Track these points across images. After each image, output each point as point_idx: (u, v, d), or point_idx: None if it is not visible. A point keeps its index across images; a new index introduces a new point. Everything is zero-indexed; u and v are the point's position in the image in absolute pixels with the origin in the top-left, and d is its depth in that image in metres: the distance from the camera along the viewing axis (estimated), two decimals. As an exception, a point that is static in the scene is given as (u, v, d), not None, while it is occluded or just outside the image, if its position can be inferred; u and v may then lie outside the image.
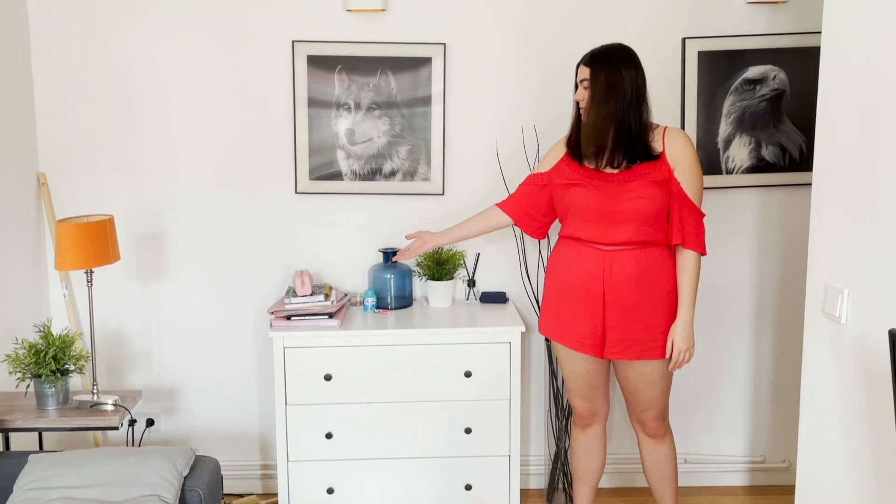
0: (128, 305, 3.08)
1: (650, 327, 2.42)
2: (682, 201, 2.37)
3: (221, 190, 3.04)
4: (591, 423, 2.69)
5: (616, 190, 2.39)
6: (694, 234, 2.38)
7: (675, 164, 2.37)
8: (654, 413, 2.57)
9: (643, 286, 2.41)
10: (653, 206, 2.37)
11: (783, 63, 2.98)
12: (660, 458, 2.64)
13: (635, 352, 2.44)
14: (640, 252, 2.40)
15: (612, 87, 2.36)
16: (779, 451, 3.24)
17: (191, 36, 2.95)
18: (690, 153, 2.40)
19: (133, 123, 2.99)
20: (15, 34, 2.86)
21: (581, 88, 2.43)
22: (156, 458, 2.20)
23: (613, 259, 2.41)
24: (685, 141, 2.42)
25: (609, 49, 2.43)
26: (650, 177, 2.37)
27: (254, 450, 3.19)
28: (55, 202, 3.00)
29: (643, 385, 2.51)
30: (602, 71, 2.37)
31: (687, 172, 2.38)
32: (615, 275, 2.41)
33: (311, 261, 3.08)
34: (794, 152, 3.05)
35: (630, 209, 2.37)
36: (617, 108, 2.36)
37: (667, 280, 2.43)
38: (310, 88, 2.95)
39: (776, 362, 3.19)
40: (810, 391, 2.04)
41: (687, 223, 2.37)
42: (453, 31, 2.97)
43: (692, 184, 2.38)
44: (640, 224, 2.38)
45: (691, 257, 2.40)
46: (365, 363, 2.73)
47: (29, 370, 2.52)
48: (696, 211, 2.39)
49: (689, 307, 2.41)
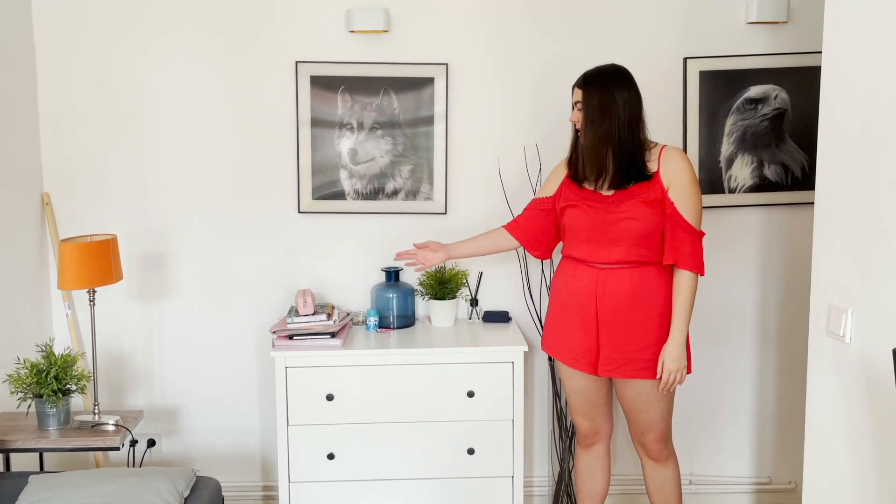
0: (130, 325, 3.08)
1: (645, 347, 2.41)
2: (676, 221, 2.36)
3: (224, 209, 3.04)
4: (593, 441, 2.67)
5: (609, 210, 2.40)
6: (689, 253, 2.36)
7: (669, 184, 2.37)
8: (655, 435, 2.55)
9: (637, 305, 2.40)
10: (644, 226, 2.37)
11: (784, 82, 3.00)
12: (664, 482, 2.61)
13: (629, 370, 2.43)
14: (633, 271, 2.40)
15: (604, 108, 2.37)
16: (785, 472, 3.21)
17: (194, 57, 2.97)
18: (686, 172, 2.38)
19: (136, 143, 3.01)
20: (21, 55, 2.88)
21: (576, 110, 2.44)
22: (157, 478, 2.19)
23: (607, 278, 2.41)
24: (680, 160, 2.40)
25: (601, 70, 2.44)
26: (642, 197, 2.37)
27: (255, 470, 3.17)
28: (59, 222, 3.01)
29: (641, 405, 2.50)
30: (595, 92, 2.39)
31: (682, 192, 2.36)
32: (608, 293, 2.41)
33: (314, 280, 3.08)
34: (796, 171, 3.05)
35: (621, 229, 2.38)
36: (611, 128, 2.37)
37: (662, 300, 2.42)
38: (313, 108, 2.97)
39: (781, 382, 3.17)
40: (815, 411, 2.03)
41: (682, 242, 2.36)
42: (455, 52, 2.99)
43: (688, 203, 2.37)
44: (632, 244, 2.38)
45: (686, 277, 2.39)
46: (367, 383, 2.72)
47: (30, 390, 2.52)
48: (692, 230, 2.37)
49: (681, 328, 2.39)
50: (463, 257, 2.82)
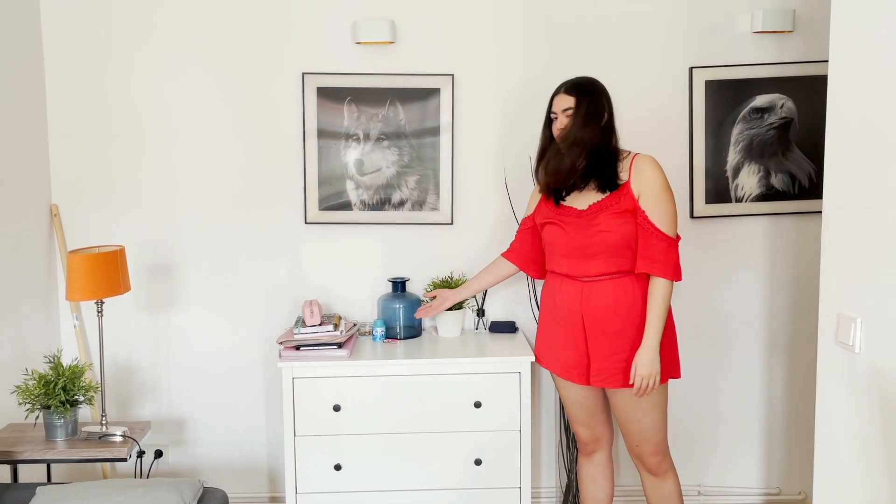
0: (138, 336, 3.09)
1: (633, 356, 2.39)
2: (648, 230, 2.36)
3: (231, 220, 3.05)
4: (594, 449, 2.68)
5: (584, 225, 2.42)
6: (661, 261, 2.35)
7: (640, 193, 2.37)
8: (650, 448, 2.53)
9: (622, 315, 2.41)
10: (617, 238, 2.38)
11: (790, 91, 2.99)
12: (664, 496, 2.59)
13: (620, 380, 2.42)
14: (615, 282, 2.41)
15: (593, 114, 2.40)
16: (794, 483, 3.18)
17: (202, 69, 2.99)
18: (656, 179, 2.38)
19: (144, 155, 3.02)
20: (29, 69, 2.91)
21: (563, 117, 2.44)
22: (163, 490, 2.18)
23: (592, 290, 2.43)
24: (650, 167, 2.40)
25: (588, 79, 2.49)
26: (614, 209, 2.38)
27: (263, 481, 3.17)
28: (67, 233, 3.02)
29: (633, 414, 2.48)
30: (586, 99, 2.41)
31: (652, 199, 2.36)
32: (593, 305, 2.42)
33: (321, 290, 3.08)
34: (803, 180, 3.04)
35: (596, 243, 2.39)
36: (594, 134, 2.40)
37: (644, 308, 2.41)
38: (319, 120, 2.98)
39: (790, 392, 3.15)
40: (825, 421, 2.01)
41: (654, 250, 2.35)
42: (461, 62, 3.00)
43: (660, 210, 2.36)
44: (609, 256, 2.40)
45: (659, 284, 2.36)
46: (374, 393, 2.71)
47: (38, 401, 2.52)
48: (664, 237, 2.36)
49: (654, 334, 2.36)
50: (470, 296, 2.89)
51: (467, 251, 3.07)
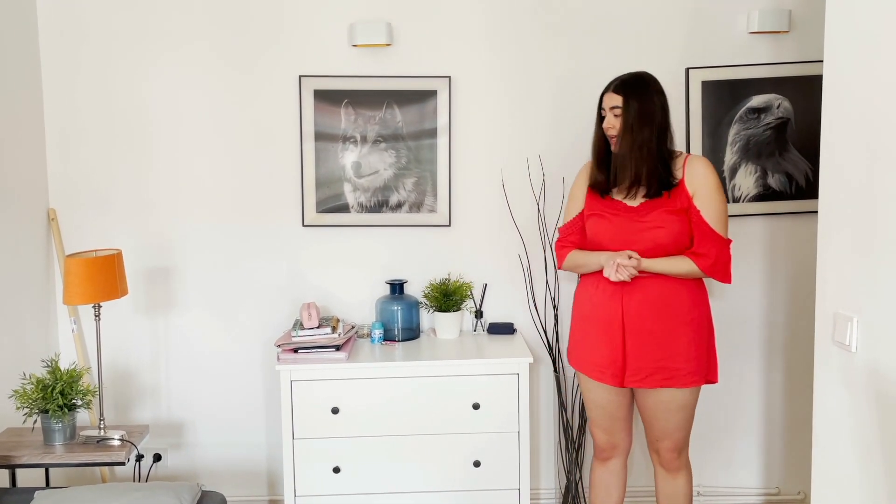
0: (135, 340, 3.09)
1: (672, 356, 2.39)
2: (703, 230, 2.35)
3: (229, 223, 3.05)
4: (610, 456, 2.63)
5: (634, 220, 2.39)
6: (714, 259, 2.35)
7: (694, 192, 2.36)
8: (670, 444, 2.52)
9: (663, 314, 2.39)
10: (670, 235, 2.36)
11: (787, 91, 3.00)
12: (674, 493, 2.59)
13: (656, 380, 2.40)
14: (659, 280, 2.39)
15: (645, 114, 2.35)
16: (794, 483, 3.18)
17: (199, 72, 2.99)
18: (710, 179, 2.38)
19: (141, 159, 3.02)
20: (26, 72, 2.91)
21: (611, 116, 2.39)
22: (162, 494, 2.18)
23: (634, 287, 2.39)
24: (705, 167, 2.39)
25: (639, 76, 2.41)
26: (668, 206, 2.36)
27: (262, 484, 3.17)
28: (65, 237, 3.02)
29: (660, 413, 2.47)
30: (635, 98, 2.36)
31: (706, 199, 2.36)
32: (634, 303, 2.39)
33: (319, 293, 3.08)
34: (800, 180, 3.05)
35: (647, 239, 2.37)
36: (651, 135, 2.35)
37: (688, 309, 2.40)
38: (316, 122, 2.98)
39: (788, 392, 3.16)
40: (822, 421, 2.01)
41: (711, 248, 2.35)
42: (458, 64, 3.00)
43: (713, 210, 2.36)
44: (658, 254, 2.37)
45: (689, 263, 2.35)
46: (372, 396, 2.71)
47: (36, 405, 2.52)
48: (718, 239, 2.36)
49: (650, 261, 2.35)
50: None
51: (465, 253, 3.07)
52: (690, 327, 2.40)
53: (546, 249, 3.03)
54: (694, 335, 2.41)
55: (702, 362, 2.42)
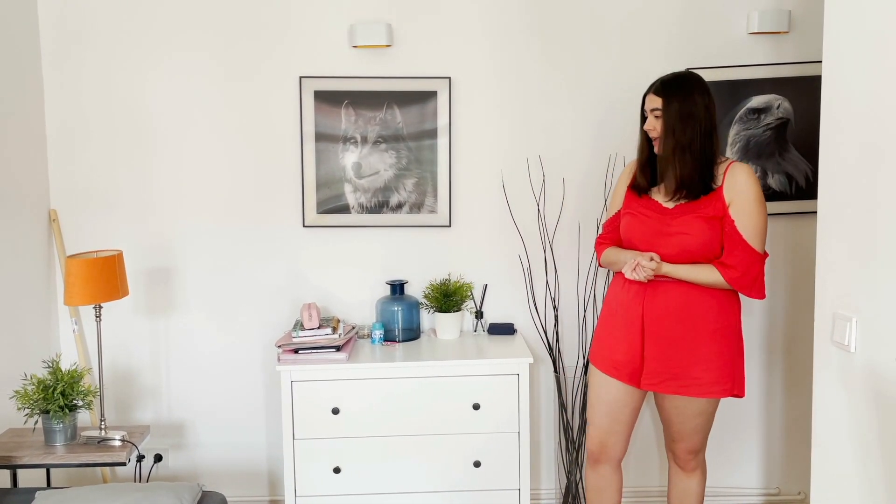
0: (136, 340, 3.09)
1: (692, 364, 2.35)
2: (735, 239, 2.29)
3: (230, 224, 3.06)
4: (599, 460, 2.57)
5: (664, 223, 2.36)
6: (741, 271, 2.28)
7: (731, 201, 2.30)
8: (686, 446, 2.51)
9: (685, 321, 2.34)
10: (697, 242, 2.31)
11: (787, 92, 3.00)
12: (686, 492, 2.58)
13: (672, 387, 2.37)
14: (685, 287, 2.35)
15: (686, 116, 2.30)
16: (794, 483, 3.18)
17: (200, 73, 3.00)
18: (751, 190, 2.30)
19: (143, 160, 3.03)
20: (27, 73, 2.91)
21: (652, 118, 2.35)
22: (162, 494, 2.18)
23: (657, 290, 2.36)
24: (746, 176, 2.31)
25: (680, 76, 2.37)
26: (701, 212, 2.31)
27: (262, 485, 3.17)
28: (66, 238, 3.03)
29: (676, 418, 2.47)
30: (675, 99, 2.31)
31: (744, 210, 2.29)
32: (656, 306, 2.36)
33: (319, 294, 3.08)
34: (800, 180, 3.05)
35: (674, 243, 2.33)
36: (694, 137, 2.30)
37: (713, 318, 2.35)
38: (317, 123, 2.99)
39: (788, 392, 3.16)
40: (822, 421, 2.01)
41: (738, 260, 2.28)
42: (458, 65, 3.00)
43: (749, 222, 2.29)
44: (685, 259, 2.33)
45: (715, 273, 2.29)
46: (373, 396, 2.71)
47: (37, 406, 2.52)
48: (750, 251, 2.29)
49: (672, 267, 2.32)
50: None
51: (465, 253, 3.08)
52: (714, 337, 2.35)
53: (546, 250, 3.04)
54: (717, 346, 2.36)
55: (724, 374, 2.37)
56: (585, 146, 3.04)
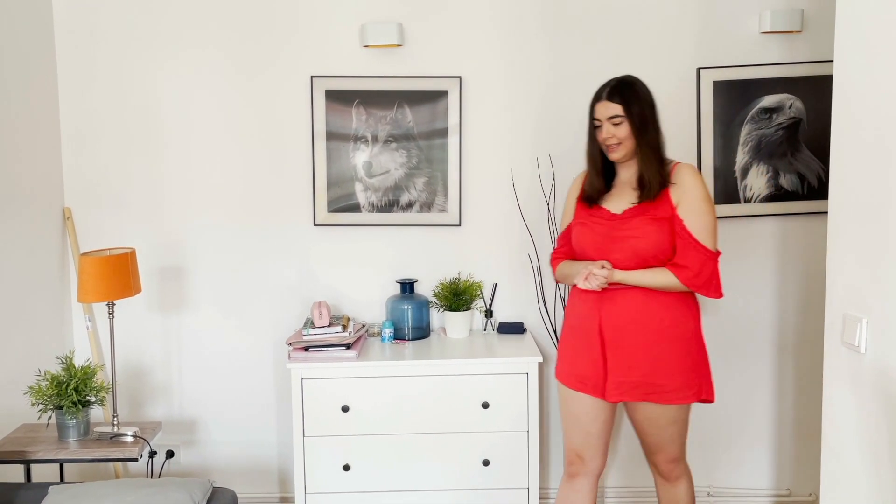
0: (149, 337, 3.12)
1: (655, 371, 2.31)
2: (686, 240, 2.26)
3: (241, 223, 3.08)
4: (577, 473, 2.48)
5: (615, 228, 2.33)
6: (694, 271, 2.25)
7: (678, 201, 2.29)
8: (665, 456, 2.47)
9: (644, 329, 2.30)
10: (648, 245, 2.28)
11: (799, 91, 2.98)
12: (674, 500, 2.55)
13: (637, 395, 2.33)
14: (641, 294, 2.30)
15: (646, 118, 2.31)
16: (804, 485, 3.17)
17: (212, 73, 3.02)
18: (697, 189, 2.29)
19: (156, 158, 3.05)
20: (42, 72, 2.94)
21: (609, 125, 2.32)
22: (173, 489, 2.20)
23: (613, 300, 2.32)
24: (692, 177, 2.31)
25: (630, 80, 2.36)
26: (651, 214, 2.29)
27: (273, 482, 3.19)
28: (80, 236, 3.06)
29: (650, 428, 2.42)
30: (635, 103, 2.31)
31: (692, 209, 2.27)
32: (613, 315, 2.32)
33: (330, 292, 3.10)
34: (812, 180, 3.03)
35: (626, 248, 2.30)
36: (654, 137, 2.32)
37: (673, 322, 2.31)
38: (328, 122, 3.00)
39: (799, 393, 3.14)
40: (831, 422, 2.01)
41: (690, 260, 2.25)
42: (469, 65, 3.01)
43: (699, 221, 2.27)
44: (639, 263, 2.30)
45: (669, 276, 2.26)
46: (382, 394, 2.73)
47: (51, 402, 2.55)
48: (702, 250, 2.26)
49: (624, 273, 2.28)
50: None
51: (475, 252, 3.08)
52: (675, 343, 2.32)
53: (556, 249, 3.04)
54: (679, 351, 2.32)
55: (689, 379, 2.33)
56: (596, 145, 3.04)
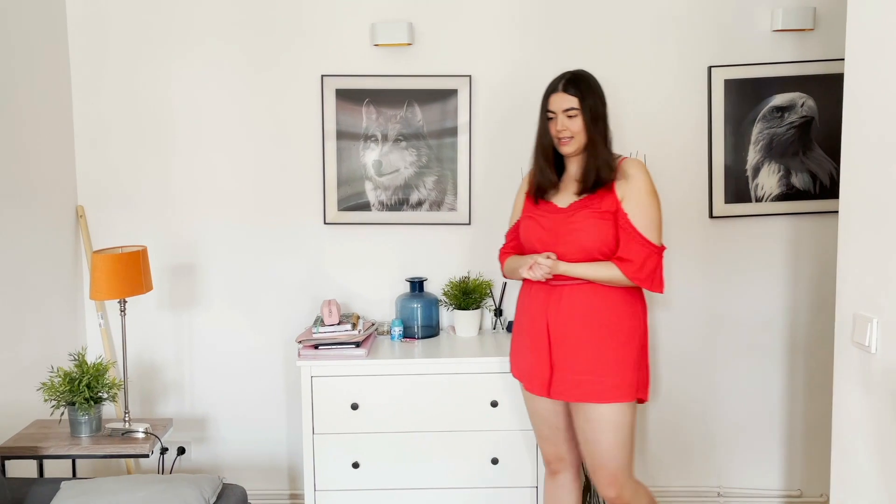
0: (160, 335, 3.14)
1: (596, 368, 2.27)
2: (630, 234, 2.24)
3: (252, 221, 3.10)
4: (558, 469, 2.49)
5: (560, 222, 2.32)
6: (638, 265, 2.23)
7: (623, 195, 2.26)
8: (605, 477, 2.31)
9: (591, 324, 2.28)
10: (592, 239, 2.26)
11: (811, 90, 2.96)
12: None
13: (578, 393, 2.29)
14: (588, 289, 2.28)
15: (599, 112, 2.31)
16: (815, 485, 3.15)
17: (223, 72, 3.03)
18: (643, 183, 2.27)
19: (167, 157, 3.08)
20: (56, 72, 2.97)
21: (564, 118, 2.30)
22: (183, 485, 2.22)
23: (561, 294, 2.30)
24: (638, 170, 2.29)
25: (584, 74, 2.35)
26: (595, 207, 2.27)
27: (283, 479, 3.21)
28: (93, 234, 3.08)
29: (590, 433, 2.31)
30: (590, 97, 2.30)
31: (637, 203, 2.25)
32: (560, 311, 2.30)
33: (340, 290, 3.11)
34: (824, 179, 3.01)
35: (571, 241, 2.28)
36: (606, 131, 2.33)
37: (618, 319, 2.29)
38: (338, 121, 3.01)
39: (811, 393, 3.12)
40: (841, 422, 1.99)
41: (634, 254, 2.23)
42: (478, 64, 3.01)
43: (643, 215, 2.25)
44: (584, 257, 2.28)
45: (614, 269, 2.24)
46: (391, 392, 2.73)
47: (63, 398, 2.57)
48: (646, 243, 2.24)
49: (571, 266, 2.27)
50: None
51: (485, 251, 3.08)
52: (618, 339, 2.28)
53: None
54: (622, 348, 2.28)
55: (628, 377, 2.28)
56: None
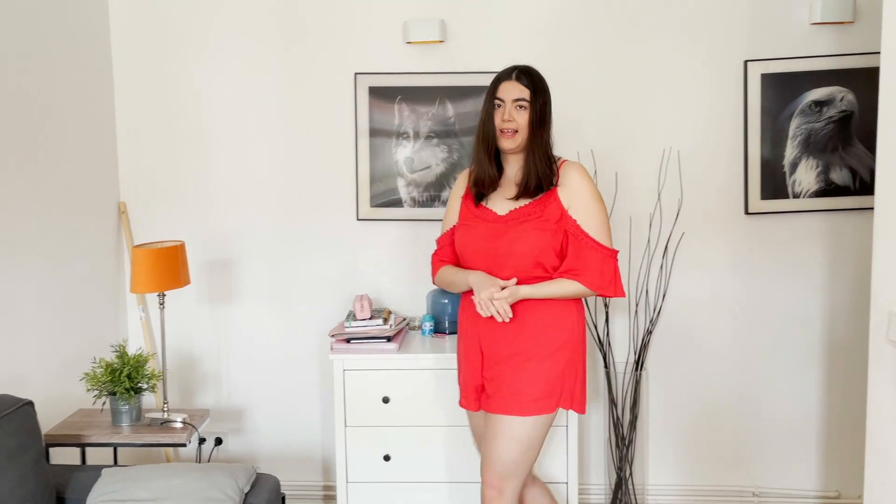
0: (198, 328, 3.22)
1: (520, 381, 2.18)
2: (582, 240, 2.15)
3: (286, 217, 3.15)
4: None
5: (498, 232, 2.20)
6: (596, 272, 2.14)
7: (569, 202, 2.17)
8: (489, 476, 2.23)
9: (522, 336, 2.19)
10: (531, 249, 2.15)
11: (851, 84, 2.90)
12: None
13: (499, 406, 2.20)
14: (519, 303, 2.18)
15: (547, 113, 2.20)
16: (853, 486, 3.09)
17: (260, 71, 3.09)
18: (587, 189, 2.18)
19: (205, 155, 3.15)
20: (99, 72, 3.06)
21: (513, 108, 2.17)
22: (219, 474, 2.28)
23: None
24: (580, 176, 2.19)
25: (536, 71, 2.24)
26: (536, 215, 2.17)
27: (317, 470, 3.26)
28: (134, 229, 3.17)
29: (489, 437, 2.23)
30: (541, 93, 2.19)
31: (584, 209, 2.16)
32: (493, 325, 2.21)
33: (372, 285, 3.15)
34: (864, 175, 2.95)
35: (511, 252, 2.17)
36: (548, 133, 2.21)
37: (553, 332, 2.19)
38: (371, 118, 3.05)
39: (848, 393, 3.06)
40: (876, 422, 1.96)
41: (589, 261, 2.14)
42: (509, 60, 2.97)
43: (593, 220, 2.16)
44: (524, 268, 2.17)
45: (572, 285, 2.14)
46: (422, 386, 2.76)
47: (105, 388, 2.66)
48: (600, 249, 2.16)
49: (529, 288, 2.15)
50: None
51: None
52: (546, 351, 2.19)
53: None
54: (553, 361, 2.19)
55: (551, 389, 2.19)
56: (638, 140, 3.01)
